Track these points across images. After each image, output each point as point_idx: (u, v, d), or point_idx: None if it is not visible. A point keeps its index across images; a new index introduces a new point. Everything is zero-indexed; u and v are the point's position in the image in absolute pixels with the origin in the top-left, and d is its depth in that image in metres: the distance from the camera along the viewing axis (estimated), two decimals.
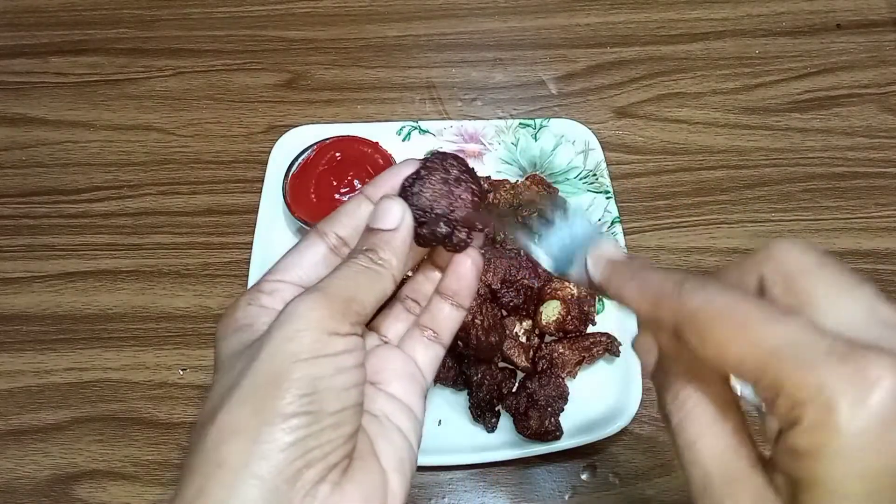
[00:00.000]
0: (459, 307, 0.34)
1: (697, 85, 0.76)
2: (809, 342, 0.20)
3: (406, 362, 0.33)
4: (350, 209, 0.32)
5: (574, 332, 0.56)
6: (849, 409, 0.18)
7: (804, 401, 0.19)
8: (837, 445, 0.18)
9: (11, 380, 0.59)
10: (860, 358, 0.19)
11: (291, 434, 0.24)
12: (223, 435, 0.25)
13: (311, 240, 0.31)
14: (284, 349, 0.25)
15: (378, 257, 0.29)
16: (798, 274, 0.23)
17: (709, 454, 0.23)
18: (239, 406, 0.25)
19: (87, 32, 0.82)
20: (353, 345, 0.27)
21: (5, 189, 0.70)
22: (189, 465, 0.25)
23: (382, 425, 0.30)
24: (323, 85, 0.77)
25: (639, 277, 0.26)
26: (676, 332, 0.23)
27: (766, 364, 0.20)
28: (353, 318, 0.27)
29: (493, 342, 0.52)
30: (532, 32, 0.81)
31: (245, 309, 0.29)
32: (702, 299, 0.22)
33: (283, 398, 0.25)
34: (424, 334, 0.34)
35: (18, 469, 0.55)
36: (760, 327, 0.21)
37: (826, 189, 0.68)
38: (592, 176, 0.65)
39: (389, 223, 0.30)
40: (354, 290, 0.28)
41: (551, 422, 0.52)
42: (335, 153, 0.63)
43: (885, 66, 0.77)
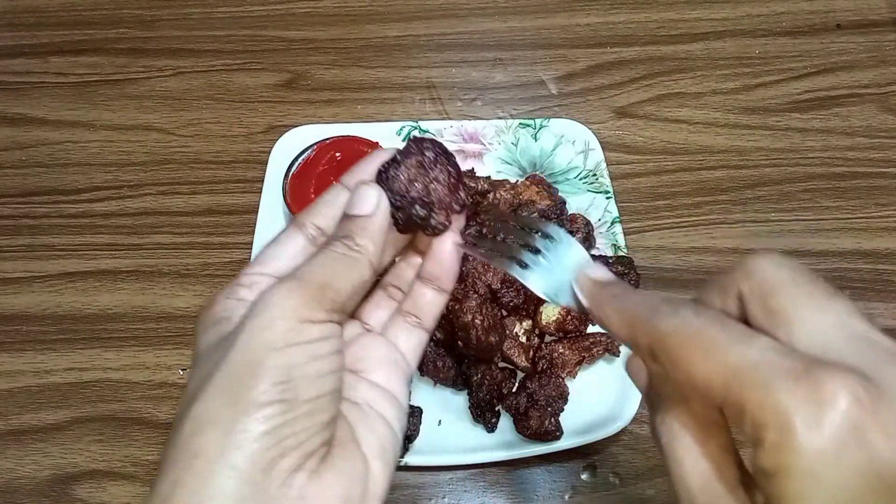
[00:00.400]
0: (442, 291, 0.34)
1: (697, 85, 0.76)
2: (770, 363, 0.20)
3: (389, 349, 0.32)
4: (328, 199, 0.32)
5: (574, 332, 0.56)
6: (805, 429, 0.19)
7: (764, 422, 0.19)
8: (798, 465, 0.19)
9: (11, 380, 0.59)
10: (818, 376, 0.19)
11: (265, 423, 0.24)
12: (197, 426, 0.24)
13: (289, 232, 0.31)
14: (258, 338, 0.25)
15: (354, 243, 0.29)
16: (772, 290, 0.23)
17: (693, 475, 0.24)
18: (213, 397, 0.25)
19: (87, 32, 0.82)
20: (329, 332, 0.27)
21: (5, 189, 0.70)
22: (165, 458, 0.25)
23: (364, 413, 0.29)
24: (323, 85, 0.77)
25: (618, 301, 0.26)
26: (652, 355, 0.24)
27: (729, 386, 0.21)
28: (328, 304, 0.27)
29: (493, 342, 0.52)
30: (532, 32, 0.81)
31: (223, 302, 0.29)
32: (673, 323, 0.23)
33: (257, 387, 0.24)
34: (407, 320, 0.33)
35: (18, 469, 0.55)
36: (725, 348, 0.21)
37: (826, 189, 0.68)
38: (592, 176, 0.65)
39: (365, 209, 0.30)
40: (330, 277, 0.28)
41: (551, 422, 0.52)
42: (335, 153, 0.63)
43: (885, 66, 0.77)
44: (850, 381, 0.19)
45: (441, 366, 0.54)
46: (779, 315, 0.22)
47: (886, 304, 0.61)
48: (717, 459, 0.24)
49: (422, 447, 0.53)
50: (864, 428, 0.18)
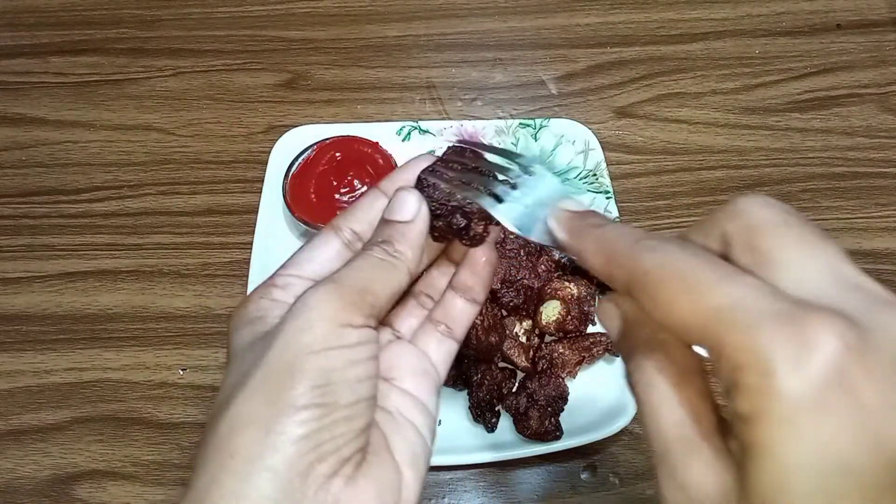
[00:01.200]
0: (473, 302, 0.33)
1: (697, 85, 0.76)
2: (755, 303, 0.19)
3: (419, 358, 0.32)
4: (365, 204, 0.32)
5: (574, 332, 0.56)
6: (787, 372, 0.18)
7: (743, 364, 0.18)
8: (776, 410, 0.18)
9: (11, 380, 0.59)
10: (804, 319, 0.18)
11: (303, 426, 0.24)
12: (236, 425, 0.24)
13: (325, 235, 0.31)
14: (297, 340, 0.25)
15: (394, 249, 0.29)
16: (759, 230, 0.22)
17: (667, 422, 0.23)
18: (251, 396, 0.25)
19: (87, 32, 0.82)
20: (367, 337, 0.27)
21: (5, 189, 0.70)
22: (201, 456, 0.25)
23: (396, 421, 0.29)
24: (323, 85, 0.77)
25: (597, 232, 0.25)
26: (629, 291, 0.23)
27: (707, 325, 0.20)
28: (366, 310, 0.27)
29: (493, 342, 0.52)
30: (532, 32, 0.81)
31: (257, 302, 0.28)
32: (655, 258, 0.22)
33: (296, 389, 0.24)
34: (438, 329, 0.33)
35: (18, 469, 0.55)
36: (707, 287, 0.20)
37: (826, 189, 0.68)
38: (592, 176, 0.65)
39: (405, 215, 0.30)
40: (369, 282, 0.28)
41: (551, 422, 0.52)
42: (335, 153, 0.63)
43: (885, 66, 0.77)
44: (837, 325, 0.18)
45: None
46: (765, 256, 0.21)
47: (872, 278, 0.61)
48: (694, 406, 0.22)
49: None
50: (850, 374, 0.17)
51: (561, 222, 0.27)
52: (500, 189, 0.30)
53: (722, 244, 0.23)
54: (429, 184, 0.31)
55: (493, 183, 0.31)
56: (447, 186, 0.31)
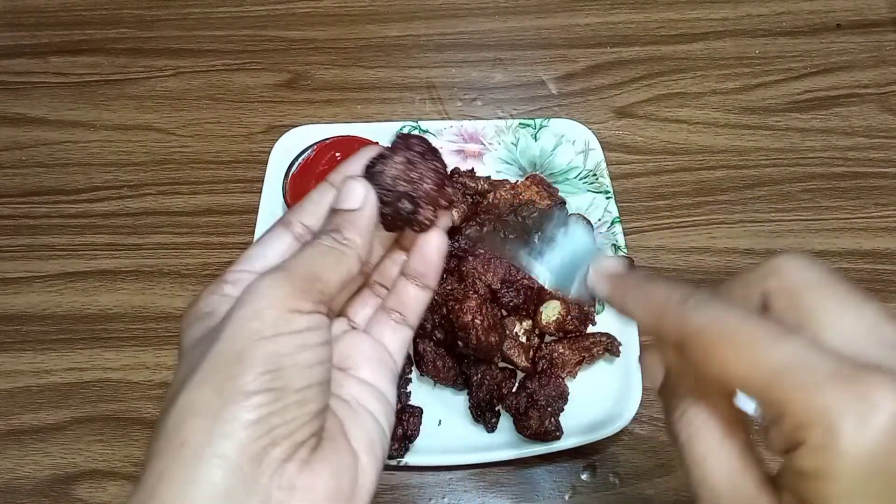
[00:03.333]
0: (426, 288, 0.33)
1: (697, 85, 0.76)
2: (812, 362, 0.20)
3: (374, 347, 0.32)
4: (315, 197, 0.32)
5: (574, 332, 0.56)
6: (852, 431, 0.18)
7: (808, 423, 0.19)
8: (842, 468, 0.18)
9: (11, 380, 0.59)
10: (863, 380, 0.19)
11: (254, 412, 0.24)
12: (184, 415, 0.24)
13: (276, 230, 0.31)
14: (246, 327, 0.25)
15: (342, 237, 0.29)
16: (802, 290, 0.22)
17: (717, 474, 0.23)
18: (200, 386, 0.24)
19: (87, 32, 0.82)
20: (317, 322, 0.27)
21: (5, 189, 0.70)
22: (151, 450, 0.25)
23: (353, 409, 0.30)
24: (323, 85, 0.77)
25: (643, 290, 0.26)
26: (679, 348, 0.23)
27: (770, 384, 0.20)
28: (315, 296, 0.27)
29: (493, 342, 0.52)
30: (532, 32, 0.81)
31: (207, 298, 0.29)
32: (706, 316, 0.22)
33: (246, 376, 0.24)
34: (391, 317, 0.33)
35: (18, 469, 0.55)
36: (764, 347, 0.21)
37: (826, 189, 0.68)
38: (592, 176, 0.65)
39: (353, 203, 0.30)
40: (318, 269, 0.28)
41: (551, 422, 0.52)
42: (335, 153, 0.63)
43: (885, 66, 0.77)
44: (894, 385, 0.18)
45: (441, 366, 0.54)
46: (808, 315, 0.22)
47: (886, 304, 0.61)
48: (742, 458, 0.23)
49: (422, 447, 0.53)
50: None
51: (604, 280, 0.28)
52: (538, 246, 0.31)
53: (762, 302, 0.23)
54: (376, 171, 0.31)
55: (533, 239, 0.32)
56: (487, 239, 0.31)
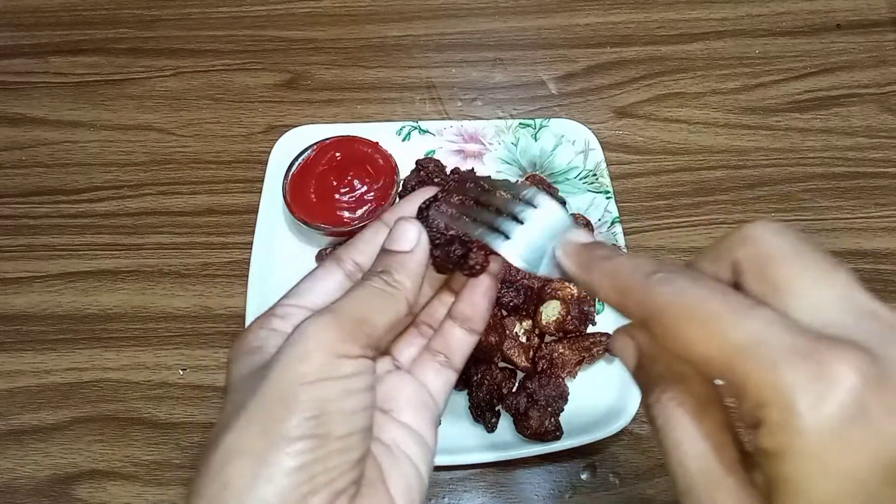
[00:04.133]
0: (472, 332, 0.33)
1: (697, 85, 0.76)
2: (773, 338, 0.19)
3: (418, 390, 0.32)
4: (367, 236, 0.32)
5: (574, 332, 0.56)
6: (809, 409, 0.18)
7: (766, 401, 0.19)
8: (800, 446, 0.18)
9: (11, 380, 0.59)
10: (823, 354, 0.18)
11: (297, 458, 0.24)
12: (229, 456, 0.24)
13: (327, 266, 0.31)
14: (293, 370, 0.25)
15: (392, 279, 0.29)
16: (772, 259, 0.22)
17: (691, 455, 0.23)
18: (245, 427, 0.24)
19: (87, 32, 0.82)
20: (363, 368, 0.27)
21: (5, 189, 0.70)
22: (194, 488, 0.24)
23: (392, 453, 0.29)
24: (323, 85, 0.77)
25: (609, 266, 0.25)
26: (645, 325, 0.23)
27: (730, 362, 0.20)
28: (363, 340, 0.27)
29: (493, 342, 0.52)
30: (532, 32, 0.81)
31: (256, 332, 0.29)
32: (669, 293, 0.22)
33: (290, 420, 0.24)
34: (436, 359, 0.33)
35: (18, 469, 0.55)
36: (726, 323, 0.20)
37: (826, 189, 0.68)
38: (592, 176, 0.65)
39: (405, 245, 0.30)
40: (366, 312, 0.28)
41: (551, 422, 0.52)
42: (335, 153, 0.63)
43: (885, 66, 0.77)
44: (855, 359, 0.18)
45: None
46: (778, 286, 0.21)
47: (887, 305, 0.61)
48: (716, 438, 0.23)
49: None
50: (869, 407, 0.18)
51: (570, 256, 0.27)
52: (505, 225, 0.30)
53: (733, 272, 0.23)
54: (430, 214, 0.31)
55: (499, 219, 0.30)
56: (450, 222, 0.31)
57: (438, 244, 0.30)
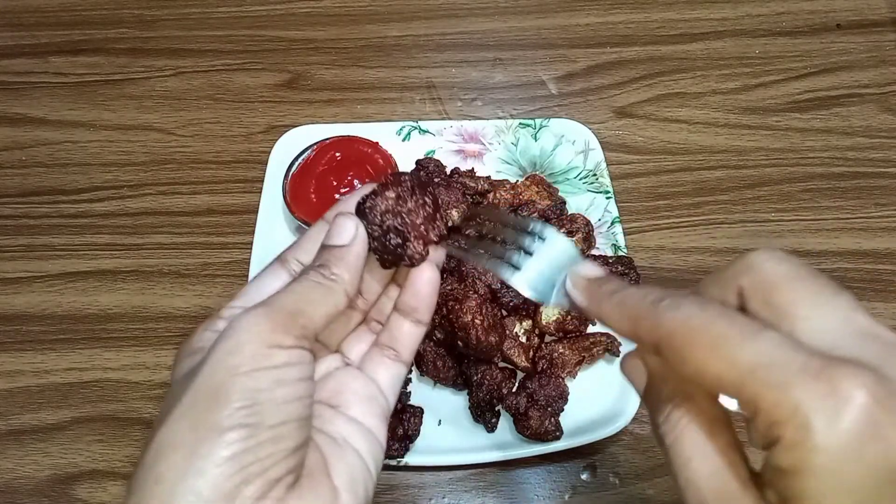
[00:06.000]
0: (419, 323, 0.33)
1: (697, 85, 0.76)
2: (784, 359, 0.20)
3: (366, 384, 0.32)
4: (312, 235, 0.32)
5: (574, 332, 0.56)
6: (824, 427, 0.18)
7: (781, 420, 0.19)
8: (817, 463, 0.19)
9: (11, 380, 0.59)
10: (833, 374, 0.19)
11: (228, 448, 0.24)
12: (161, 450, 0.24)
13: (272, 267, 0.32)
14: (224, 362, 0.25)
15: (330, 272, 0.29)
16: (775, 285, 0.23)
17: (702, 475, 0.23)
18: (177, 421, 0.25)
19: (87, 32, 0.82)
20: (298, 358, 0.27)
21: (5, 189, 0.70)
22: (131, 484, 0.25)
23: (339, 446, 0.29)
24: (323, 85, 0.77)
25: (617, 296, 0.26)
26: (657, 350, 0.23)
27: (743, 383, 0.20)
28: (297, 331, 0.27)
29: (493, 342, 0.52)
30: (532, 32, 0.81)
31: (201, 334, 0.29)
32: (678, 318, 0.22)
33: (222, 411, 0.24)
34: (385, 353, 0.33)
35: (18, 469, 0.55)
36: (736, 345, 0.21)
37: (826, 189, 0.68)
38: (592, 176, 0.65)
39: (342, 238, 0.30)
40: (302, 304, 0.28)
41: (551, 422, 0.52)
42: (335, 153, 0.63)
43: (885, 66, 0.77)
44: (865, 378, 0.19)
45: (441, 366, 0.54)
46: (782, 310, 0.22)
47: (886, 304, 0.61)
48: (726, 457, 0.23)
49: (422, 447, 0.53)
50: (881, 423, 0.18)
51: (580, 288, 0.28)
52: (515, 257, 0.31)
53: (738, 298, 0.24)
54: (367, 207, 0.31)
55: (509, 251, 0.32)
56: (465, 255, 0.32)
57: (376, 236, 0.31)
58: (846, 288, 0.22)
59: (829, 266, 0.63)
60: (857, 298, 0.22)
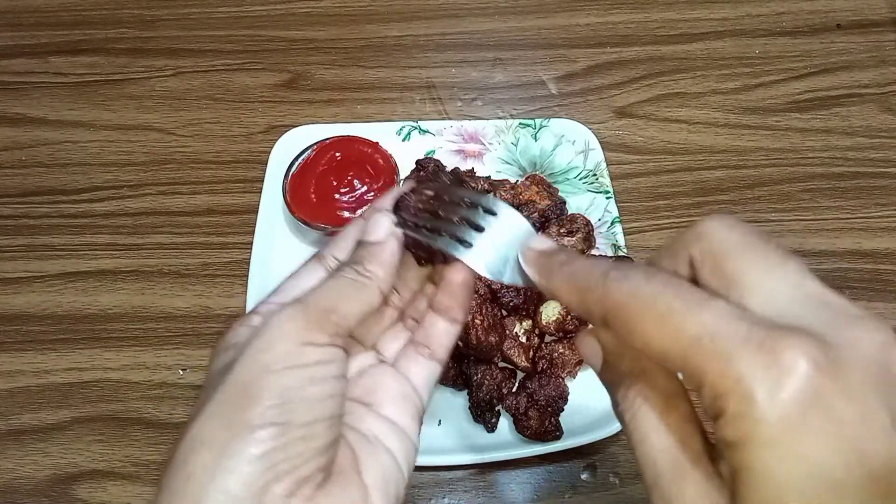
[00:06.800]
0: (454, 322, 0.33)
1: (697, 85, 0.76)
2: (728, 330, 0.19)
3: (400, 382, 0.32)
4: (349, 233, 0.32)
5: (574, 332, 0.56)
6: (766, 397, 0.18)
7: (725, 392, 0.19)
8: (761, 434, 0.18)
9: (11, 380, 0.59)
10: (776, 343, 0.18)
11: (259, 446, 0.24)
12: (192, 448, 0.24)
13: (310, 264, 0.32)
14: (256, 360, 0.25)
15: (364, 269, 0.29)
16: (724, 253, 0.22)
17: (657, 449, 0.23)
18: (209, 418, 0.25)
19: (87, 32, 0.82)
20: (330, 356, 0.27)
21: (5, 189, 0.70)
22: (162, 480, 0.25)
23: (371, 444, 0.29)
24: (323, 85, 0.77)
25: (566, 269, 0.25)
26: (605, 324, 0.23)
27: (686, 355, 0.20)
28: (331, 328, 0.27)
29: (493, 342, 0.52)
30: (532, 32, 0.81)
31: (237, 330, 0.29)
32: (624, 289, 0.22)
33: (252, 409, 0.24)
34: (420, 352, 0.33)
35: (18, 469, 0.55)
36: (680, 316, 0.20)
37: (826, 189, 0.68)
38: (592, 176, 0.65)
39: (377, 235, 0.30)
40: (336, 301, 0.28)
41: (551, 422, 0.52)
42: (335, 153, 0.63)
43: (885, 66, 0.77)
44: (808, 346, 0.18)
45: None
46: (731, 278, 0.21)
47: (886, 304, 0.61)
48: (681, 431, 0.23)
49: (422, 447, 0.52)
50: (825, 392, 0.18)
51: (531, 262, 0.28)
52: (466, 234, 0.30)
53: (690, 268, 0.23)
54: (404, 205, 0.31)
55: (458, 227, 0.30)
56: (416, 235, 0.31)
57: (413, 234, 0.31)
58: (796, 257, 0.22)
59: (829, 266, 0.63)
60: (857, 299, 0.22)
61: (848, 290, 0.61)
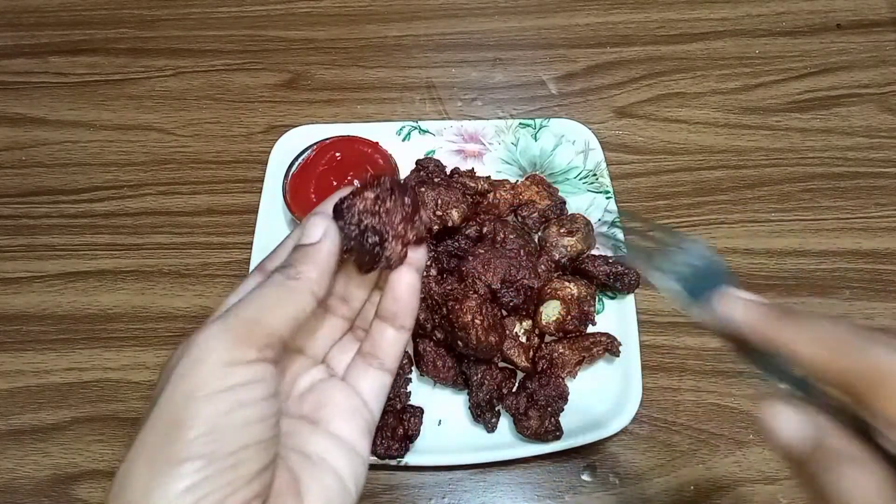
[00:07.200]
0: (402, 329, 0.32)
1: (697, 85, 0.76)
2: None
3: (349, 396, 0.31)
4: (288, 243, 0.31)
5: (574, 332, 0.56)
6: None
7: None
8: None
9: (11, 380, 0.59)
10: None
11: (183, 480, 0.23)
12: (120, 487, 0.24)
13: (252, 277, 0.30)
14: (180, 387, 0.24)
15: (294, 271, 0.28)
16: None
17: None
18: (136, 455, 0.24)
19: (87, 32, 0.82)
20: (259, 374, 0.25)
21: (5, 189, 0.70)
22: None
23: (315, 465, 0.28)
24: (323, 85, 0.77)
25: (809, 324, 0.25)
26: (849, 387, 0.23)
27: None
28: (259, 341, 0.26)
29: (493, 342, 0.52)
30: (532, 32, 0.81)
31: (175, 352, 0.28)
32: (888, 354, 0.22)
33: (179, 442, 0.23)
34: (368, 363, 0.32)
35: (18, 469, 0.55)
36: None
37: (826, 189, 0.68)
38: (592, 176, 0.65)
39: (312, 237, 0.29)
40: (263, 311, 0.26)
41: (551, 422, 0.52)
42: (335, 153, 0.63)
43: (885, 66, 0.77)
44: None
45: (441, 366, 0.54)
46: None
47: (886, 304, 0.61)
48: None
49: (422, 447, 0.53)
50: None
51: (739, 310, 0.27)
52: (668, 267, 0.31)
53: None
54: (343, 208, 0.30)
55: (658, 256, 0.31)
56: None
57: (353, 236, 0.30)
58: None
59: (829, 266, 0.63)
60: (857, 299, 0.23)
61: (848, 290, 0.61)
